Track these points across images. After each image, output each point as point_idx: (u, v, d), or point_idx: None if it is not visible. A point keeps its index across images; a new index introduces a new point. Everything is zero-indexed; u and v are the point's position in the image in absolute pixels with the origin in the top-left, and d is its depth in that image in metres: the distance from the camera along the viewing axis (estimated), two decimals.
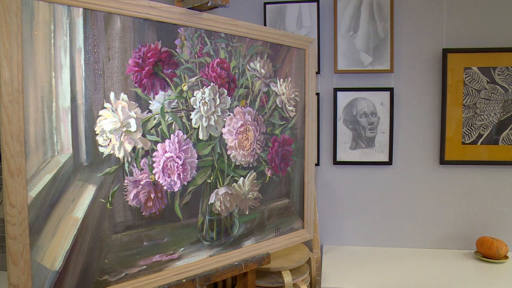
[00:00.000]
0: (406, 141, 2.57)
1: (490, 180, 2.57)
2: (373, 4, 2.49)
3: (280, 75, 1.74)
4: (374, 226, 2.65)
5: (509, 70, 2.48)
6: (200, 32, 1.46)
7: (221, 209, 1.57)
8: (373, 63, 2.51)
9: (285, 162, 1.79)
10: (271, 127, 1.72)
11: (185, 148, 1.43)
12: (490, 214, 2.59)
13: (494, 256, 2.40)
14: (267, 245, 1.74)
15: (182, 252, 1.46)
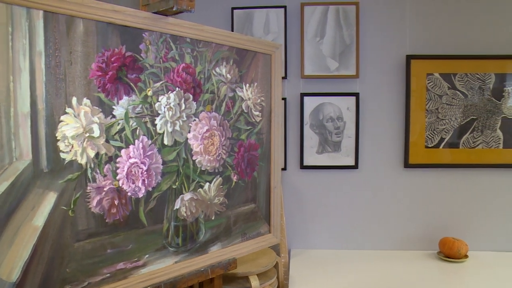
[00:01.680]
0: (372, 145, 2.62)
1: (452, 182, 2.65)
2: (339, 11, 2.53)
3: (246, 80, 1.74)
4: (341, 229, 2.68)
5: (468, 77, 2.56)
6: (166, 37, 1.45)
7: (186, 215, 1.56)
8: (339, 68, 2.54)
9: (251, 167, 1.79)
10: (237, 132, 1.72)
11: (149, 153, 1.42)
12: (452, 215, 2.66)
13: (456, 256, 2.46)
14: (233, 250, 1.74)
15: (147, 259, 1.44)
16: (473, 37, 2.59)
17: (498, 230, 2.68)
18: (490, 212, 2.67)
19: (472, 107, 2.58)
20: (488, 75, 2.57)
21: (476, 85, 2.57)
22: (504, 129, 2.60)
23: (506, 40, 2.59)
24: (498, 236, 2.68)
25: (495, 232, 2.68)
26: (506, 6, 2.58)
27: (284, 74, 2.56)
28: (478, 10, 2.58)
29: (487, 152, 2.62)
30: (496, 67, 2.57)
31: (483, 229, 2.67)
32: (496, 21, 2.59)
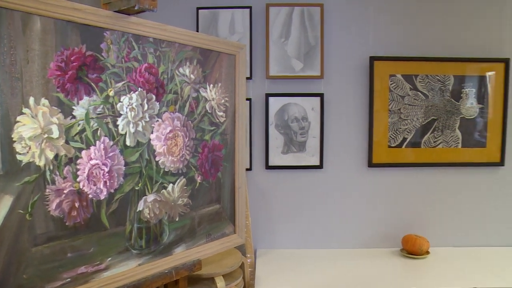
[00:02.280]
0: (336, 145, 2.65)
1: (414, 181, 2.71)
2: (304, 12, 2.56)
3: (210, 80, 1.74)
4: (307, 229, 2.70)
5: (428, 78, 2.63)
6: (128, 36, 1.43)
7: (150, 217, 1.54)
8: (304, 69, 2.57)
9: (215, 167, 1.79)
10: (200, 132, 1.71)
11: (111, 154, 1.39)
12: (414, 213, 2.73)
13: (418, 252, 2.53)
14: (198, 251, 1.73)
15: (109, 262, 1.41)
16: (434, 40, 2.66)
17: (458, 226, 2.76)
18: (450, 209, 2.75)
19: (432, 108, 2.65)
20: (447, 77, 2.64)
21: (436, 87, 2.64)
22: (462, 129, 2.68)
23: (464, 43, 2.67)
24: (457, 232, 2.76)
25: (455, 228, 2.76)
26: (465, 10, 2.67)
27: (249, 74, 2.56)
28: (439, 13, 2.65)
29: (447, 151, 2.70)
30: (455, 69, 2.65)
31: (443, 226, 2.75)
32: (455, 25, 2.67)
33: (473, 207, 2.77)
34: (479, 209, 2.77)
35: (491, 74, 2.69)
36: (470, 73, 2.66)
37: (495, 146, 2.73)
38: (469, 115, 2.69)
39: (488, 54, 2.68)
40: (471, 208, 2.77)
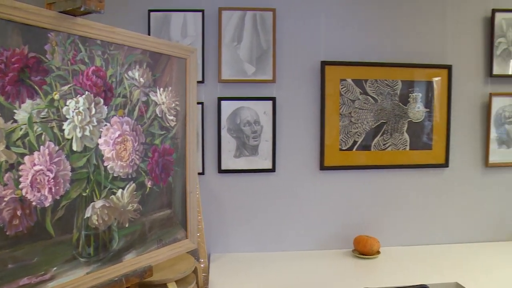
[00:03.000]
0: (289, 148, 2.68)
1: (365, 183, 2.78)
2: (257, 16, 2.57)
3: (160, 84, 1.71)
4: (260, 232, 2.71)
5: (378, 83, 2.71)
6: (74, 38, 1.39)
7: (98, 223, 1.50)
8: (256, 73, 2.58)
9: (166, 172, 1.77)
10: (150, 137, 1.68)
11: (57, 160, 1.35)
12: (365, 214, 2.80)
13: (369, 253, 2.59)
14: (149, 257, 1.70)
15: (55, 271, 1.36)
16: (383, 46, 2.74)
17: (407, 226, 2.86)
18: (399, 210, 2.84)
19: (382, 112, 2.73)
20: (395, 82, 2.73)
21: (385, 91, 2.72)
22: (410, 132, 2.78)
23: (411, 50, 2.77)
24: (406, 231, 2.86)
25: (404, 228, 2.85)
26: (412, 19, 2.77)
27: (201, 78, 2.55)
28: (388, 21, 2.74)
29: (396, 154, 2.78)
30: (402, 74, 2.74)
31: (393, 226, 2.84)
32: (403, 32, 2.77)
33: (421, 207, 2.87)
34: (426, 209, 2.88)
35: (437, 79, 2.80)
36: (417, 79, 2.77)
37: (440, 148, 2.85)
38: (416, 118, 2.79)
39: (433, 60, 2.80)
40: (419, 208, 2.87)
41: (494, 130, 2.93)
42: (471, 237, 2.96)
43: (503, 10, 2.86)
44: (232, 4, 2.57)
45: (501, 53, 2.88)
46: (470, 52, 2.88)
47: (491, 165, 2.94)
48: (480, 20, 2.88)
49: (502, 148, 2.96)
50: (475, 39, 2.88)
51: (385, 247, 2.76)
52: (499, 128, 2.94)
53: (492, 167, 2.95)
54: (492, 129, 2.92)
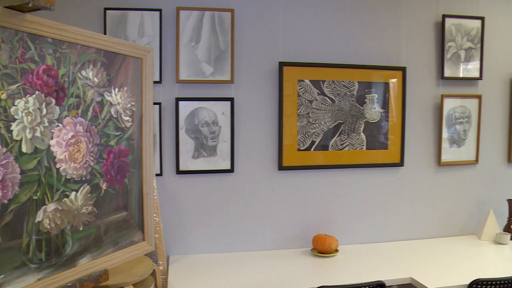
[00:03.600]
0: (247, 149, 2.69)
1: (323, 183, 2.82)
2: (215, 17, 2.56)
3: (115, 84, 1.68)
4: (220, 233, 2.70)
5: (335, 84, 2.75)
6: (22, 35, 1.34)
7: (50, 227, 1.45)
8: (214, 73, 2.57)
9: (122, 173, 1.73)
10: (105, 138, 1.64)
11: (4, 162, 1.29)
12: (324, 213, 2.84)
13: (327, 251, 2.63)
14: (105, 261, 1.66)
15: (2, 279, 1.31)
16: (340, 47, 2.79)
17: (364, 224, 2.92)
18: (356, 208, 2.90)
19: (339, 112, 2.77)
20: (352, 83, 2.78)
21: (342, 92, 2.77)
22: (366, 132, 2.84)
23: (368, 51, 2.84)
24: (364, 229, 2.92)
25: (362, 226, 2.92)
26: (369, 21, 2.84)
27: (158, 78, 2.51)
28: (345, 23, 2.80)
29: (353, 154, 2.84)
30: (359, 75, 2.80)
31: (351, 224, 2.89)
32: (360, 34, 2.83)
33: (378, 205, 2.94)
34: (383, 207, 2.95)
35: (394, 81, 2.87)
36: (373, 80, 2.83)
37: (396, 148, 2.92)
38: (373, 119, 2.85)
39: (388, 62, 2.87)
40: (375, 206, 2.94)
41: (446, 130, 3.04)
42: (425, 233, 3.06)
43: (453, 16, 2.97)
44: (191, 4, 2.54)
45: (451, 56, 2.99)
46: (423, 55, 2.98)
47: (443, 163, 3.05)
48: (432, 25, 2.98)
49: (453, 147, 3.07)
50: (427, 42, 2.98)
51: (344, 245, 2.81)
52: (450, 128, 3.05)
53: (444, 165, 3.06)
54: (444, 129, 3.03)
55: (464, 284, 2.20)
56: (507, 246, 2.91)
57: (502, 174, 3.25)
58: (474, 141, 3.12)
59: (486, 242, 2.98)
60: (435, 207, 3.08)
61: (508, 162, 3.26)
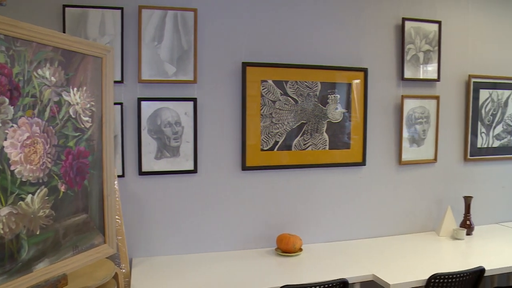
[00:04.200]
0: (210, 149, 2.67)
1: (286, 183, 2.84)
2: (178, 16, 2.54)
3: (74, 83, 1.64)
4: (184, 234, 2.68)
5: (298, 84, 2.78)
6: None
7: (4, 232, 1.40)
8: (177, 73, 2.55)
9: (81, 175, 1.69)
10: (64, 139, 1.60)
11: None
12: (288, 212, 2.86)
13: (291, 250, 2.65)
14: (63, 265, 1.62)
15: None
16: (303, 48, 2.82)
17: (328, 223, 2.96)
18: (320, 208, 2.93)
19: (302, 112, 2.80)
20: (315, 83, 2.81)
21: (305, 92, 2.79)
22: (329, 132, 2.88)
23: (331, 53, 2.88)
24: (328, 228, 2.96)
25: (325, 224, 2.95)
26: (332, 22, 2.89)
27: (120, 78, 2.47)
28: (308, 24, 2.83)
29: (316, 153, 2.87)
30: (321, 76, 2.83)
31: (315, 223, 2.92)
32: (323, 36, 2.87)
33: (341, 204, 2.99)
34: (346, 206, 3.00)
35: (357, 82, 2.93)
36: (336, 80, 2.87)
37: (358, 147, 2.98)
38: (335, 119, 2.89)
39: (350, 63, 2.92)
40: (339, 205, 2.98)
41: (406, 130, 3.11)
42: (387, 231, 3.13)
43: (412, 19, 3.05)
44: (153, 2, 2.51)
45: (411, 58, 3.07)
46: (384, 56, 3.04)
47: (404, 163, 3.13)
48: (392, 27, 3.05)
49: (413, 146, 3.15)
50: (388, 44, 3.05)
51: (308, 244, 2.83)
52: (410, 128, 3.13)
53: (404, 164, 3.14)
54: (404, 129, 3.10)
55: (423, 279, 2.27)
56: (464, 241, 3.02)
57: (459, 172, 3.36)
58: (433, 140, 3.21)
59: (444, 238, 3.08)
60: (396, 205, 3.16)
61: (464, 161, 3.37)
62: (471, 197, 3.16)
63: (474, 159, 3.39)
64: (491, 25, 3.39)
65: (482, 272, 2.37)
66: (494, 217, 3.52)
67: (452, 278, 2.26)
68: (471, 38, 3.32)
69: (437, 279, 2.24)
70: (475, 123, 3.37)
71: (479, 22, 3.34)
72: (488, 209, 3.47)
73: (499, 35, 3.43)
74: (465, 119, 3.35)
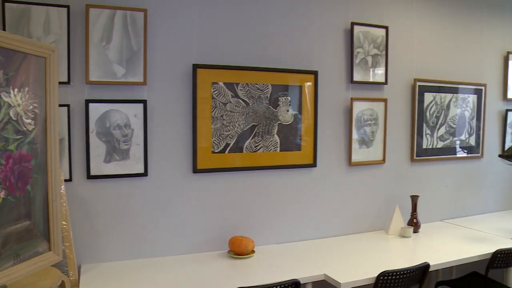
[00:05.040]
0: (161, 152, 2.63)
1: (238, 185, 2.84)
2: (127, 16, 2.48)
3: (15, 84, 1.56)
4: (135, 239, 2.62)
5: (249, 86, 2.78)
6: None
7: None
8: (127, 75, 2.49)
9: (24, 180, 1.61)
10: (3, 142, 1.52)
11: None
12: (240, 215, 2.86)
13: (244, 252, 2.65)
14: (4, 276, 1.54)
15: None
16: (254, 51, 2.83)
17: (279, 224, 2.98)
18: (272, 209, 2.95)
19: (253, 114, 2.81)
20: (265, 86, 2.83)
21: (256, 94, 2.80)
22: (280, 134, 2.90)
23: (282, 55, 2.91)
24: (280, 229, 2.98)
25: (278, 226, 2.97)
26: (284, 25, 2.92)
27: (66, 79, 2.38)
28: (260, 26, 2.85)
29: (267, 155, 2.88)
30: (272, 79, 2.86)
31: (267, 225, 2.94)
32: (274, 38, 2.89)
33: (293, 205, 3.02)
34: (297, 207, 3.04)
35: (309, 84, 2.97)
36: (287, 83, 2.90)
37: (309, 149, 3.02)
38: (286, 121, 2.92)
39: (302, 66, 2.96)
40: (290, 206, 3.01)
41: (356, 132, 3.19)
42: (338, 231, 3.20)
43: (360, 24, 3.14)
44: (101, 1, 2.44)
45: (360, 62, 3.15)
46: (334, 60, 3.10)
47: (354, 164, 3.20)
48: (342, 31, 3.12)
49: (363, 148, 3.23)
50: (338, 48, 3.11)
51: (260, 246, 2.84)
52: (359, 130, 3.20)
53: (354, 165, 3.21)
54: (354, 130, 3.18)
55: (373, 276, 2.33)
56: (411, 239, 3.13)
57: (406, 172, 3.48)
58: (381, 142, 3.31)
59: (393, 236, 3.18)
60: (347, 205, 3.23)
61: (410, 161, 3.49)
62: (418, 196, 3.28)
63: (420, 160, 3.52)
64: (434, 32, 3.54)
65: (427, 267, 2.47)
66: (438, 215, 3.67)
67: (399, 275, 2.34)
68: (416, 44, 3.45)
69: (385, 276, 2.31)
70: (420, 125, 3.50)
71: (423, 29, 3.48)
72: (433, 207, 3.62)
73: (442, 42, 3.59)
74: (411, 121, 3.48)
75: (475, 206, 3.91)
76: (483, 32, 3.82)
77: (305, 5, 2.98)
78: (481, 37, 3.82)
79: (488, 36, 3.85)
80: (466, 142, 3.77)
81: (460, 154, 3.75)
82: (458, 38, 3.68)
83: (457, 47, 3.68)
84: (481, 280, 3.03)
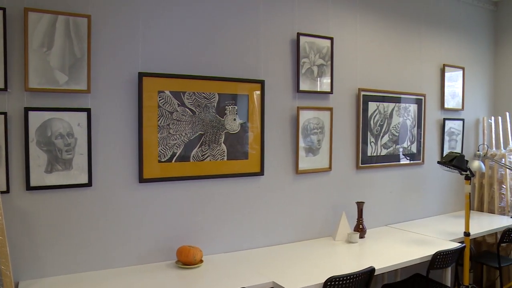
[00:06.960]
0: (106, 161, 2.56)
1: (185, 194, 2.82)
2: (70, 22, 2.41)
3: None
4: (79, 251, 2.52)
5: (196, 95, 2.77)
6: None
7: None
8: (69, 82, 2.41)
9: None
10: None
11: None
12: (188, 224, 2.83)
13: (192, 262, 2.63)
14: None
15: None
16: (201, 59, 2.84)
17: (227, 233, 2.98)
18: (220, 218, 2.95)
19: (200, 123, 2.80)
20: (212, 95, 2.83)
21: (203, 103, 2.80)
22: (227, 143, 2.91)
23: (229, 65, 2.94)
24: (228, 238, 2.98)
25: (226, 235, 2.97)
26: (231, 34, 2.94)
27: (3, 85, 2.27)
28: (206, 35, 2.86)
29: (214, 164, 2.88)
30: (218, 87, 2.87)
31: (216, 234, 2.93)
32: (220, 48, 2.90)
33: (241, 213, 3.03)
34: (245, 215, 3.05)
35: (258, 93, 3.00)
36: (234, 92, 2.92)
37: (256, 157, 3.05)
38: (233, 130, 2.93)
39: (249, 75, 2.99)
40: (238, 215, 3.02)
41: (302, 140, 3.24)
42: (286, 238, 3.23)
43: (306, 35, 3.22)
44: (41, 6, 2.36)
45: (306, 71, 3.22)
46: (281, 69, 3.16)
47: (301, 171, 3.25)
48: (288, 41, 3.18)
49: (309, 156, 3.29)
50: (284, 58, 3.17)
51: (208, 255, 2.83)
52: (306, 138, 3.26)
53: (301, 173, 3.27)
54: (301, 139, 3.23)
55: (320, 282, 2.37)
56: (357, 244, 3.21)
57: (352, 180, 3.58)
58: (327, 150, 3.39)
59: (340, 242, 3.25)
60: (294, 212, 3.27)
61: (356, 168, 3.60)
62: (363, 202, 3.38)
63: (365, 167, 3.63)
64: (377, 44, 3.69)
65: (372, 271, 2.54)
66: (383, 220, 3.80)
67: (346, 280, 2.39)
68: (360, 55, 3.57)
69: (333, 282, 2.35)
70: (365, 133, 3.61)
71: (367, 41, 3.61)
72: (378, 213, 3.74)
73: (385, 53, 3.74)
74: (356, 129, 3.58)
75: (417, 210, 4.08)
76: (421, 45, 4.02)
77: (253, 15, 3.01)
78: (420, 50, 4.01)
79: (426, 49, 4.06)
80: (408, 150, 3.93)
81: (403, 161, 3.90)
82: (400, 50, 3.85)
83: (399, 59, 3.85)
84: (423, 281, 3.16)
